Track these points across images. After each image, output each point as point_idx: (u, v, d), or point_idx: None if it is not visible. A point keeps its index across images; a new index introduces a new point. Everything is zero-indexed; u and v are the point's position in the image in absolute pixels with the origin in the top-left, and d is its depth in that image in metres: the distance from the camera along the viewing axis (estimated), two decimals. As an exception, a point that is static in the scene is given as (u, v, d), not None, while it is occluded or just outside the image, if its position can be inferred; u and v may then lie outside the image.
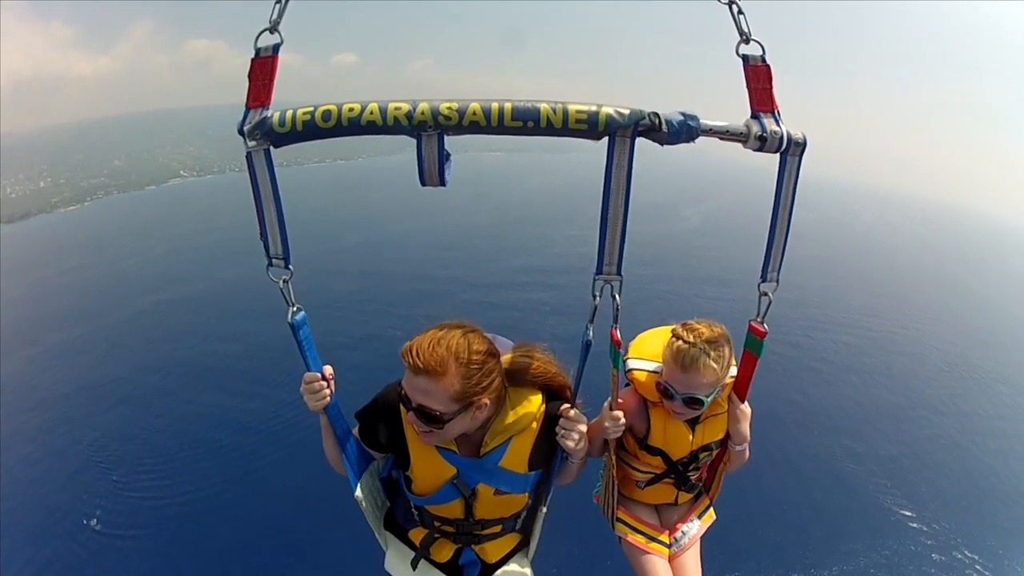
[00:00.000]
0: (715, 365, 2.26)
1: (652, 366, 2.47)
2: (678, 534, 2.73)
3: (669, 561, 2.68)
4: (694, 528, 2.75)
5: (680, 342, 2.30)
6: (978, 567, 15.34)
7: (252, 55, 1.75)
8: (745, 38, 1.83)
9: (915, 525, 16.63)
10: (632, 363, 2.53)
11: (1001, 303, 48.90)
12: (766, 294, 2.15)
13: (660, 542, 2.69)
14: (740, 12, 1.81)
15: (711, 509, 2.83)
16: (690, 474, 2.62)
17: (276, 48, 1.75)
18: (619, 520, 2.72)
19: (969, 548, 15.90)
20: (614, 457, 2.51)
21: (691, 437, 2.50)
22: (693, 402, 2.33)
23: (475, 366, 2.00)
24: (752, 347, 2.28)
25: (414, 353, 1.95)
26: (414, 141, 1.69)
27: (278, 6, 1.72)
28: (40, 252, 43.65)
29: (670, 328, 2.47)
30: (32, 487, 16.62)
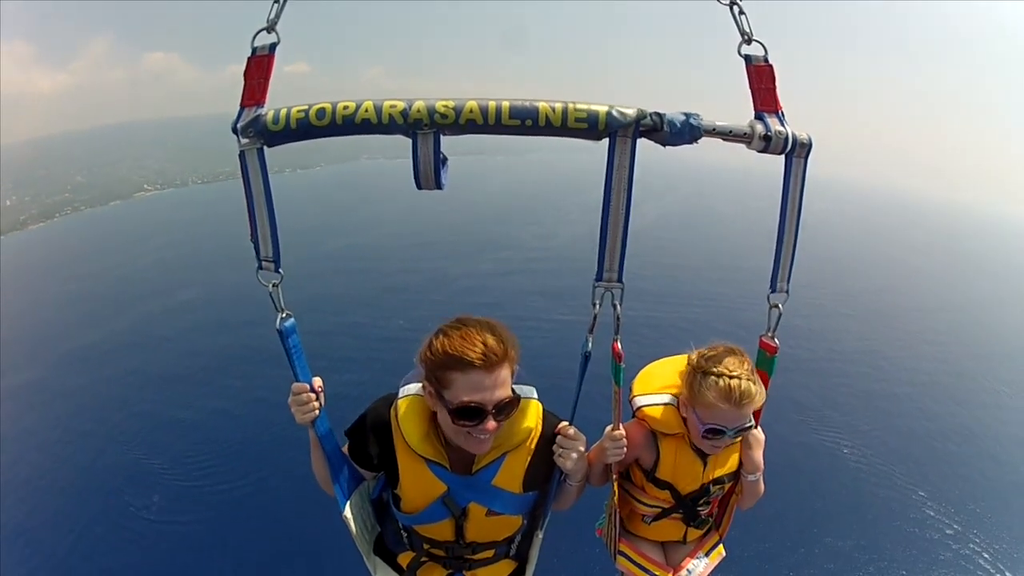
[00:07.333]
0: (756, 388, 2.11)
1: (663, 399, 2.33)
2: (683, 572, 2.55)
3: None
4: (700, 566, 2.57)
5: (724, 380, 2.09)
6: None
7: (248, 55, 1.74)
8: (747, 38, 1.81)
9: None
10: (640, 400, 2.37)
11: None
12: (776, 306, 2.04)
13: None
14: (741, 12, 1.79)
15: (720, 545, 2.65)
16: (700, 509, 2.45)
17: (273, 47, 1.74)
18: (621, 553, 2.56)
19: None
20: (616, 486, 2.37)
21: (702, 469, 2.34)
22: (741, 431, 2.19)
23: (510, 335, 1.94)
24: (764, 365, 2.17)
25: (480, 351, 1.80)
26: (373, 148, 1.61)
27: (276, 6, 1.71)
28: (28, 266, 43.22)
29: (675, 359, 2.36)
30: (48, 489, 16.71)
